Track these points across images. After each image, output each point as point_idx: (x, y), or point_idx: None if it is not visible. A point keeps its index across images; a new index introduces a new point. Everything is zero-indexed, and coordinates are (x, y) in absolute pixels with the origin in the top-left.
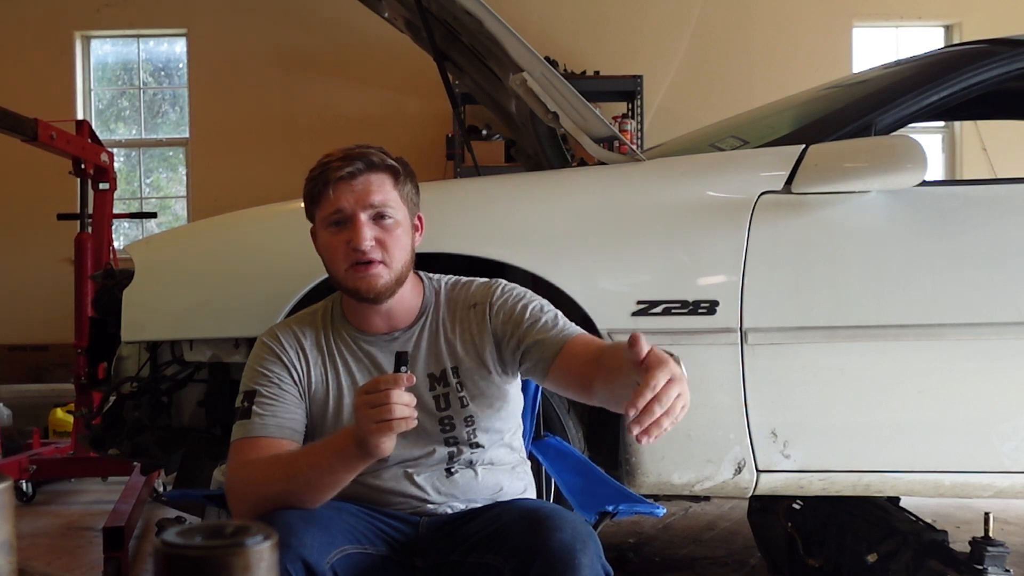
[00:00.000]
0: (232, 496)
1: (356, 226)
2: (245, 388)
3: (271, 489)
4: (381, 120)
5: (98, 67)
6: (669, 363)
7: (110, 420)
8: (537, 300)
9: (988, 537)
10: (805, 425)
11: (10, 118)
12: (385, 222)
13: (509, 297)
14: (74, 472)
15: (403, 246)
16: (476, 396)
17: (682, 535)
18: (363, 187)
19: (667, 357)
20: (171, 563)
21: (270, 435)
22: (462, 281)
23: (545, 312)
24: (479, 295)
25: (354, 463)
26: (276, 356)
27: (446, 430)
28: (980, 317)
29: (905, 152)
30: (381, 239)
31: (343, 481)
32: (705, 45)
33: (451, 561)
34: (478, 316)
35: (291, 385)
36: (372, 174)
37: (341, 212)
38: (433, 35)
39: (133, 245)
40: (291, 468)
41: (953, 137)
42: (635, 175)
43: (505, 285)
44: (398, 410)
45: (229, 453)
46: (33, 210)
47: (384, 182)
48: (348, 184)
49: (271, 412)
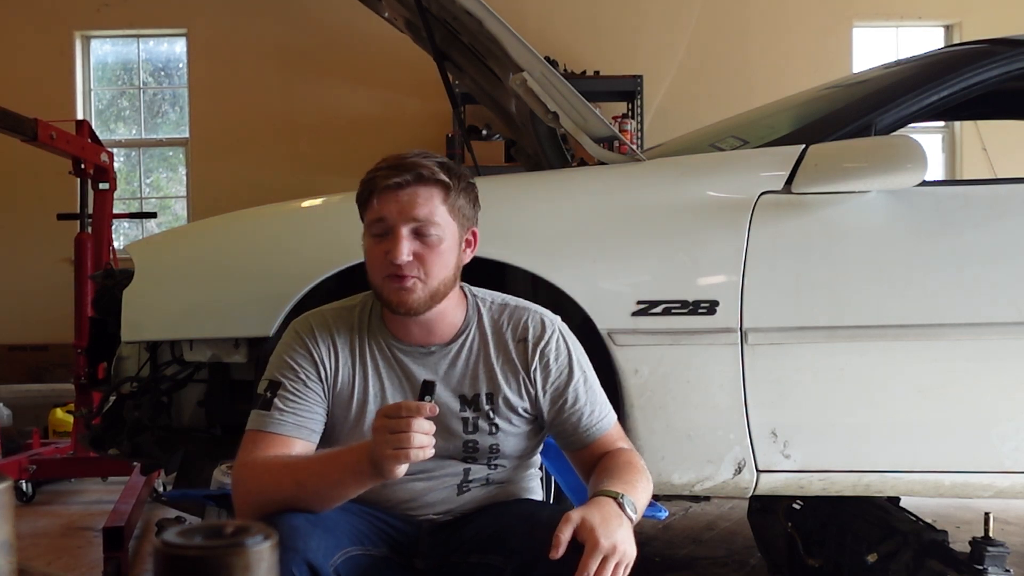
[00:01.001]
0: (238, 489)
1: (395, 239)
2: (271, 376)
3: (278, 494)
4: (381, 120)
5: (98, 67)
6: (599, 545)
7: (110, 420)
8: (580, 372)
9: (988, 537)
10: (805, 425)
11: (10, 118)
12: (427, 238)
13: (560, 357)
14: (74, 472)
15: (444, 263)
16: (506, 427)
17: (682, 535)
18: (408, 199)
19: (597, 538)
20: (171, 563)
21: (287, 433)
22: (511, 304)
23: (586, 392)
24: (533, 334)
25: (364, 480)
26: (307, 350)
27: (468, 452)
28: (980, 317)
29: (905, 152)
30: (420, 254)
31: (351, 495)
32: (705, 45)
33: (452, 562)
34: (523, 354)
35: (316, 382)
36: (420, 187)
37: (383, 222)
38: (433, 35)
39: (133, 245)
40: (301, 475)
41: (953, 137)
42: (635, 175)
43: (559, 338)
44: (417, 439)
45: (243, 439)
46: (33, 210)
47: (432, 196)
48: (394, 195)
49: (292, 409)
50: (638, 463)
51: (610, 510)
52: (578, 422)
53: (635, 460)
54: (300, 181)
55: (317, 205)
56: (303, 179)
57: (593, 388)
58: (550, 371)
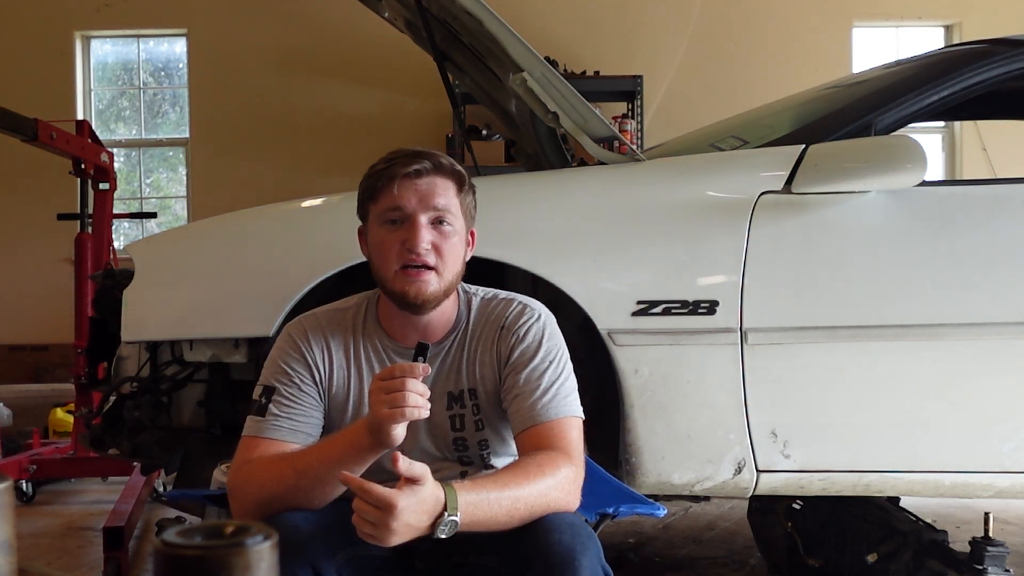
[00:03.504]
0: (236, 492)
1: (414, 226)
2: (265, 382)
3: (279, 487)
4: (381, 120)
5: (98, 67)
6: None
7: (110, 420)
8: (545, 359)
9: (988, 537)
10: (805, 425)
11: (10, 118)
12: (444, 228)
13: (529, 337)
14: (74, 472)
15: (457, 256)
16: (491, 422)
17: (682, 535)
18: (428, 188)
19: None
20: (171, 563)
21: (282, 439)
22: (500, 297)
23: (541, 380)
24: (511, 319)
25: (364, 454)
26: (300, 353)
27: (459, 450)
28: (980, 317)
29: (905, 152)
30: (437, 244)
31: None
32: (705, 45)
33: (451, 562)
34: (502, 340)
35: (311, 386)
36: (438, 177)
37: (401, 210)
38: (433, 35)
39: (133, 245)
40: (300, 463)
41: (953, 137)
42: (635, 175)
43: (535, 324)
44: (412, 398)
45: (238, 447)
46: (33, 210)
47: (449, 187)
48: (412, 182)
49: (287, 414)
50: (543, 468)
51: (425, 520)
52: (521, 403)
53: (544, 464)
54: (300, 181)
55: (317, 205)
56: (303, 179)
57: (554, 382)
58: (515, 350)
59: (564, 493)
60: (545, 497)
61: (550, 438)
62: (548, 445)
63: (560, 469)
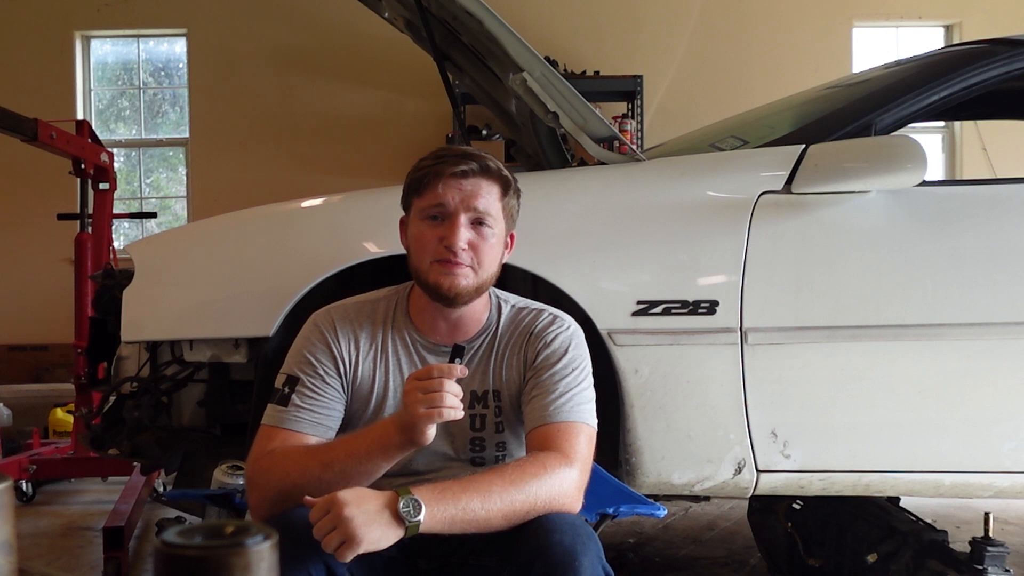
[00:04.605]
0: (258, 480)
1: (454, 225)
2: (289, 371)
3: (303, 478)
4: (381, 120)
5: (98, 67)
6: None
7: (110, 420)
8: (568, 367)
9: (988, 537)
10: (805, 425)
11: (10, 118)
12: (483, 229)
13: (556, 344)
14: (74, 472)
15: (493, 258)
16: (512, 425)
17: (682, 535)
18: (472, 189)
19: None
20: (171, 563)
21: (303, 431)
22: (532, 306)
23: (560, 385)
24: (542, 327)
25: (392, 452)
26: (327, 345)
27: (475, 450)
28: (980, 317)
29: (905, 152)
30: (475, 244)
31: (378, 471)
32: (704, 45)
33: (453, 562)
34: (531, 347)
35: (335, 378)
36: (483, 179)
37: (443, 207)
38: (433, 35)
39: (133, 245)
40: (327, 456)
41: (953, 137)
42: (635, 175)
43: (564, 334)
44: (448, 399)
45: (257, 434)
46: (33, 210)
47: (493, 190)
48: (458, 182)
49: (309, 406)
50: (524, 467)
51: (375, 502)
52: (536, 403)
53: (528, 463)
54: (300, 181)
55: (317, 205)
56: (303, 179)
57: (571, 388)
58: (540, 353)
59: (555, 493)
60: (524, 493)
61: (555, 439)
62: (551, 446)
63: (549, 469)
